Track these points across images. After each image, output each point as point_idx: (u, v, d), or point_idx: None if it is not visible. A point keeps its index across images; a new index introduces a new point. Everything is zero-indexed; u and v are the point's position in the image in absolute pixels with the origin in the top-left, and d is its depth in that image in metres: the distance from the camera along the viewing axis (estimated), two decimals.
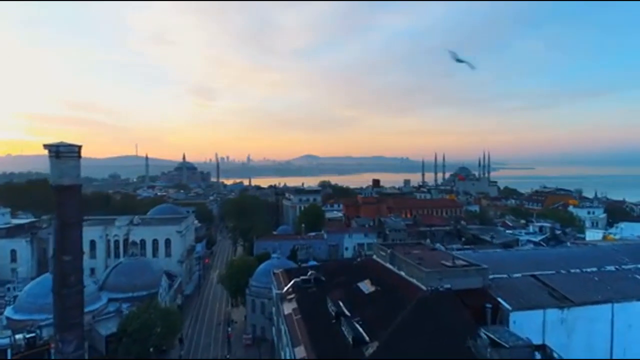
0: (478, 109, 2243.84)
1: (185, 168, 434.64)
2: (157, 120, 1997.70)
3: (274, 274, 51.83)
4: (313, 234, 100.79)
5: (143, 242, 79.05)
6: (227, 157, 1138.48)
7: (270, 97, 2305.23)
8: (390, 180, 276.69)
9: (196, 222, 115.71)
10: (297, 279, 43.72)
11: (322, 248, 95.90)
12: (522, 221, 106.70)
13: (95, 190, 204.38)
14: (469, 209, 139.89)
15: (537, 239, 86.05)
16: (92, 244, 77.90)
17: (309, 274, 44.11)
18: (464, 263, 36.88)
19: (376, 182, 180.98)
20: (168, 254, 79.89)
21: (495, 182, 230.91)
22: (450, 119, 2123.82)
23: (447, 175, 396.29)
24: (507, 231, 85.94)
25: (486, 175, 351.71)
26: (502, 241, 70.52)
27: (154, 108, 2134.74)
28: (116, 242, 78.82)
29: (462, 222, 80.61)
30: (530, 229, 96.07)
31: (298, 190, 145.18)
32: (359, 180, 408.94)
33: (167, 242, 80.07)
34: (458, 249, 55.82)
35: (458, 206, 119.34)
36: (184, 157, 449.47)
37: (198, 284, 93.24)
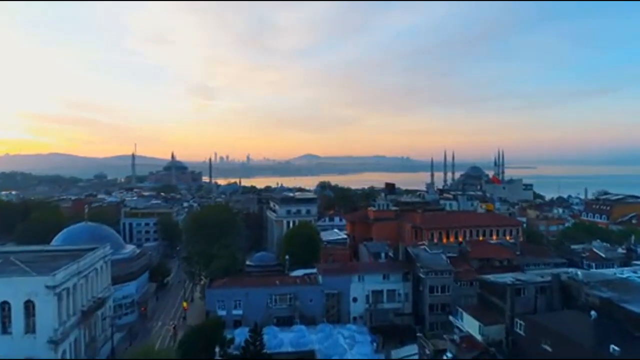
0: (479, 108, 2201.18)
1: (175, 168, 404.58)
2: (156, 120, 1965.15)
3: None
4: (302, 273, 64.61)
5: None
6: (227, 157, 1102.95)
7: (270, 97, 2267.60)
8: (393, 180, 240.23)
9: (132, 246, 79.76)
10: None
11: (316, 298, 59.89)
12: (620, 250, 70.01)
13: (41, 197, 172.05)
14: None
15: None
16: None
17: None
18: None
19: (390, 187, 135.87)
20: (31, 330, 43.70)
21: (531, 185, 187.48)
22: (451, 118, 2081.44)
23: (457, 175, 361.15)
24: (631, 276, 49.22)
25: (500, 175, 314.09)
26: None
27: (153, 107, 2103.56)
28: None
29: (573, 271, 42.49)
30: None
31: (285, 199, 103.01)
32: (360, 180, 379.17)
33: (29, 307, 43.83)
34: None
35: (515, 225, 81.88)
36: (172, 156, 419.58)
37: (111, 355, 57.05)
